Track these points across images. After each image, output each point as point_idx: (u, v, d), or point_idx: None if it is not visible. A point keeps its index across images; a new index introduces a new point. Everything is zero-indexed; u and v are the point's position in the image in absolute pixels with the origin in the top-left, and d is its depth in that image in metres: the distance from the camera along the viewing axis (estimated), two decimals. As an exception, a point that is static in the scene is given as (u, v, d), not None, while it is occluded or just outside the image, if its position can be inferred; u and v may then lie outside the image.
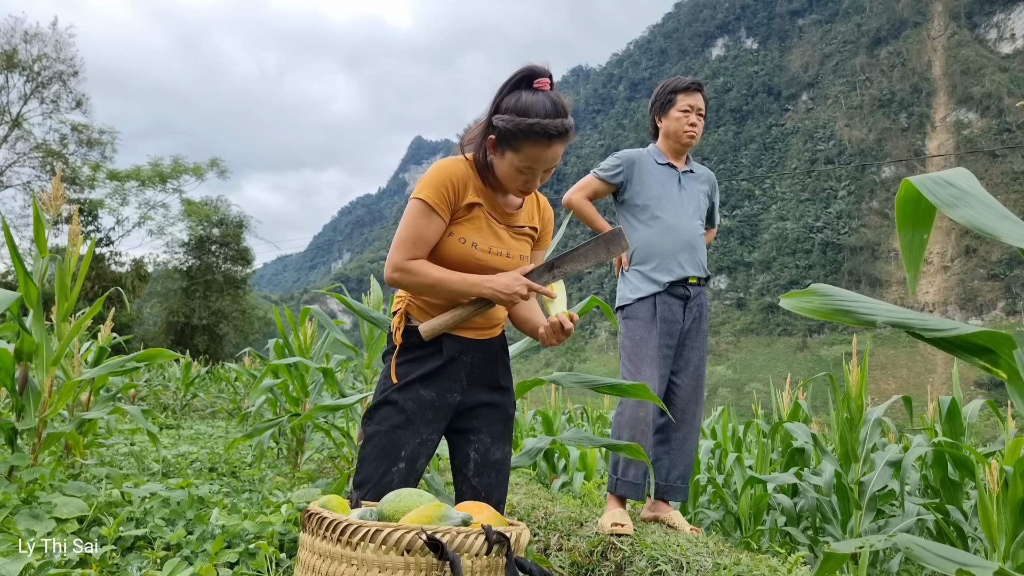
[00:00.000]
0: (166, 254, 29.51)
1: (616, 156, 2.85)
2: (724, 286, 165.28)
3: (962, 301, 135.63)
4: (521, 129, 1.56)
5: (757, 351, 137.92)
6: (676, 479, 2.70)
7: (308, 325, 4.46)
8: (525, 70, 1.63)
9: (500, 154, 1.63)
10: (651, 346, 2.64)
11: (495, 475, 1.76)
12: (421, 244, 1.62)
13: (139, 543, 2.15)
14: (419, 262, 1.62)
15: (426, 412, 1.67)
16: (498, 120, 1.60)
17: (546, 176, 1.67)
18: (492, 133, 1.62)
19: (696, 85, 2.83)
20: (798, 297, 0.98)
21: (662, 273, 2.68)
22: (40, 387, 2.82)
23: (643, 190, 2.77)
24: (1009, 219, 0.84)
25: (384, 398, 1.67)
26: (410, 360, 1.69)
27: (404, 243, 1.62)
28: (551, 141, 1.58)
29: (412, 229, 1.62)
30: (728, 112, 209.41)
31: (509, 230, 1.73)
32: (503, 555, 1.09)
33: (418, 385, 1.67)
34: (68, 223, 3.33)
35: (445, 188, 1.62)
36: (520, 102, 1.58)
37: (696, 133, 2.80)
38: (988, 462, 2.55)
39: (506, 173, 1.63)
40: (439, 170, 1.65)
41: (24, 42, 25.24)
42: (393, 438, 1.64)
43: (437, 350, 1.68)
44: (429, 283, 1.62)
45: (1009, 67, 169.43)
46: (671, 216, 2.73)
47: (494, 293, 1.61)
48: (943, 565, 0.95)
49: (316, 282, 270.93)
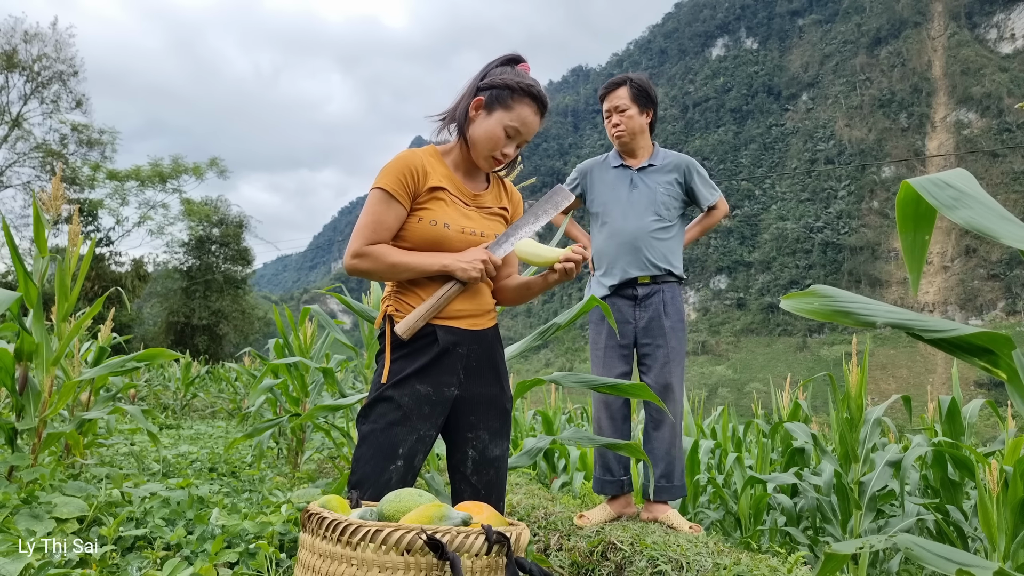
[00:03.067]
0: (166, 254, 29.56)
1: (576, 169, 3.02)
2: (724, 286, 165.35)
3: (962, 301, 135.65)
4: (521, 87, 1.66)
5: (757, 351, 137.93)
6: (659, 478, 2.74)
7: (308, 325, 4.46)
8: (509, 55, 1.75)
9: (488, 114, 1.68)
10: (600, 348, 2.81)
11: (494, 472, 1.73)
12: (380, 230, 1.64)
13: (139, 543, 2.16)
14: (378, 246, 1.63)
15: (423, 407, 1.64)
16: (494, 78, 1.68)
17: (516, 151, 1.73)
18: (481, 95, 1.68)
19: (609, 86, 2.89)
20: (798, 298, 0.98)
21: (608, 277, 2.80)
22: (40, 387, 2.82)
23: (596, 198, 2.90)
24: (1008, 220, 0.84)
25: (379, 395, 1.64)
26: (403, 356, 1.66)
27: (363, 230, 1.64)
28: (539, 109, 1.70)
29: (370, 216, 1.64)
30: (728, 112, 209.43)
31: (479, 211, 1.74)
32: (503, 555, 1.09)
33: (413, 380, 1.64)
34: (68, 223, 3.33)
35: (403, 175, 1.64)
36: (514, 71, 1.70)
37: (623, 132, 2.83)
38: (988, 462, 2.55)
39: (491, 133, 1.67)
40: (397, 159, 1.68)
41: (24, 42, 25.27)
42: (390, 435, 1.61)
43: (431, 342, 1.66)
44: (389, 263, 1.62)
45: (1009, 67, 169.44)
46: (617, 219, 2.82)
47: (455, 263, 1.63)
48: (943, 565, 0.95)
49: (316, 282, 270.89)
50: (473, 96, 1.70)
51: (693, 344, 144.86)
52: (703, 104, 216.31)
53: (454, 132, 1.77)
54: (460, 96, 1.74)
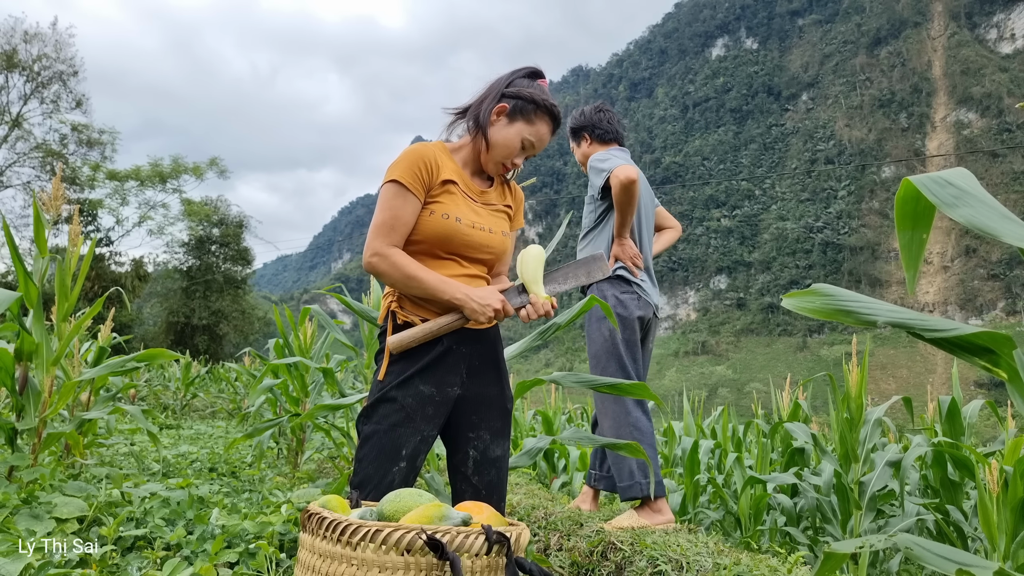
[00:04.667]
0: (166, 254, 29.54)
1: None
2: (724, 286, 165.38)
3: (962, 301, 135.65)
4: (545, 105, 1.72)
5: (757, 351, 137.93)
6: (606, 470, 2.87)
7: (308, 325, 4.45)
8: (532, 68, 1.79)
9: (510, 122, 1.72)
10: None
11: (495, 473, 1.72)
12: (399, 227, 1.61)
13: (139, 543, 2.15)
14: (398, 252, 1.61)
15: (426, 408, 1.63)
16: (521, 89, 1.71)
17: (523, 162, 1.80)
18: (505, 102, 1.72)
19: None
20: (799, 297, 0.98)
21: None
22: (40, 387, 2.82)
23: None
24: (1009, 219, 0.84)
25: (382, 395, 1.62)
26: (405, 356, 1.65)
27: (382, 227, 1.61)
28: (555, 128, 1.78)
29: (389, 212, 1.61)
30: (728, 112, 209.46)
31: (486, 208, 1.75)
32: (503, 555, 1.09)
33: (416, 380, 1.63)
34: (68, 223, 3.33)
35: (417, 167, 1.63)
36: (539, 87, 1.75)
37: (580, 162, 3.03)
38: (988, 462, 2.55)
39: (508, 141, 1.71)
40: (410, 151, 1.67)
41: (24, 42, 25.25)
42: (393, 437, 1.60)
43: (434, 341, 1.65)
44: (406, 274, 1.59)
45: (1009, 67, 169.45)
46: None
47: (467, 299, 1.60)
48: (943, 565, 0.95)
49: (316, 282, 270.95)
50: (497, 101, 1.72)
51: (693, 344, 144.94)
52: (703, 104, 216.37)
53: (462, 130, 1.79)
54: (482, 97, 1.75)
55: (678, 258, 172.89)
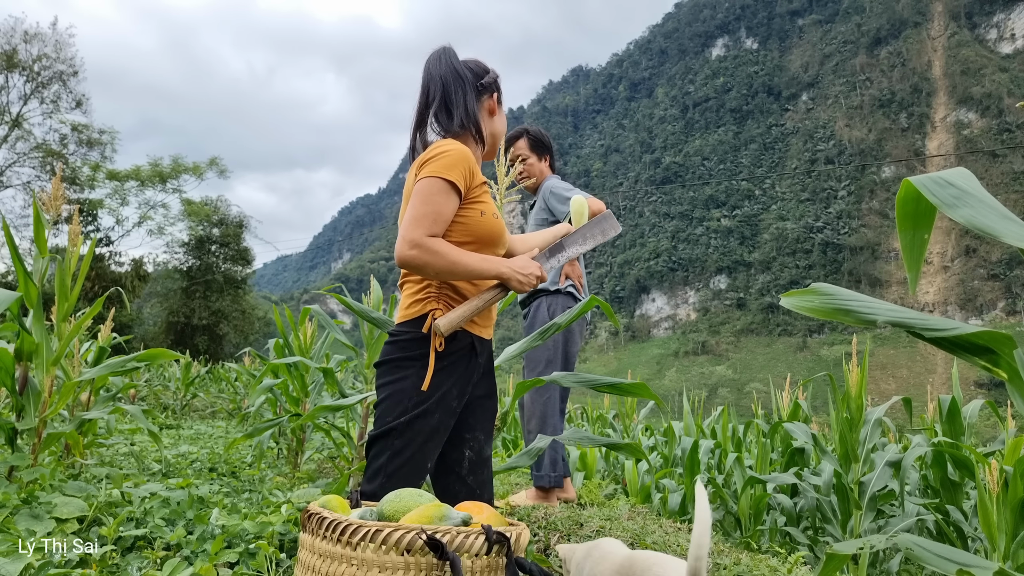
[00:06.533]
0: (166, 254, 29.54)
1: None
2: (724, 286, 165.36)
3: (962, 301, 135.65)
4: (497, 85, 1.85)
5: (757, 351, 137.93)
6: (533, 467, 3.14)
7: (308, 325, 4.45)
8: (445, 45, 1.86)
9: (501, 110, 1.84)
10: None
11: (486, 471, 1.75)
12: (440, 222, 1.56)
13: (139, 543, 2.15)
14: (439, 241, 1.55)
15: (449, 420, 1.63)
16: (488, 79, 1.80)
17: None
18: (487, 95, 1.81)
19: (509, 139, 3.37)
20: (799, 296, 0.98)
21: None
22: (40, 387, 2.82)
23: None
24: (1009, 219, 0.84)
25: (424, 410, 1.57)
26: (443, 368, 1.61)
27: (423, 219, 1.54)
28: None
29: (432, 206, 1.55)
30: (728, 112, 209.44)
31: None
32: (503, 555, 1.09)
33: (450, 396, 1.61)
34: (68, 223, 3.33)
35: (466, 170, 1.63)
36: (480, 64, 1.83)
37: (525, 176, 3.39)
38: (988, 462, 2.55)
39: (503, 129, 1.85)
40: (460, 152, 1.62)
41: (24, 42, 25.26)
42: (424, 453, 1.58)
43: (467, 354, 1.64)
44: (450, 261, 1.54)
45: (1009, 67, 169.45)
46: None
47: (512, 272, 1.63)
48: (943, 565, 0.95)
49: (316, 282, 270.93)
50: (477, 94, 1.78)
51: (693, 344, 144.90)
52: (703, 104, 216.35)
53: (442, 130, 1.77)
54: (446, 95, 1.74)
55: (678, 258, 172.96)
